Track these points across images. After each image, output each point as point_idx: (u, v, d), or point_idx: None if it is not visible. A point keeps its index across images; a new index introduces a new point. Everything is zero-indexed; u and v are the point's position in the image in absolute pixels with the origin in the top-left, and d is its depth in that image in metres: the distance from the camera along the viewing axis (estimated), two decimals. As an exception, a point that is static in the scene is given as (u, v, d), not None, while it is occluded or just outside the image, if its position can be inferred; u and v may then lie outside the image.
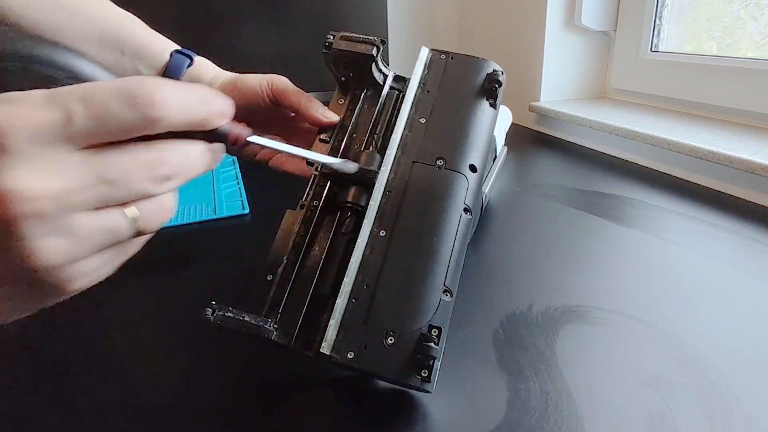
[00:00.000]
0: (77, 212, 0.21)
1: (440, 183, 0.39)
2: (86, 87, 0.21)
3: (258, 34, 1.13)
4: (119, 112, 0.21)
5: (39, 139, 0.20)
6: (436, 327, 0.34)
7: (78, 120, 0.21)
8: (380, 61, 0.45)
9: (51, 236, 0.21)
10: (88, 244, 0.22)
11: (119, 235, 0.23)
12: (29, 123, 0.20)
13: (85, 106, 0.21)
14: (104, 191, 0.22)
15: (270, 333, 0.35)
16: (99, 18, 0.48)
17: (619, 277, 0.51)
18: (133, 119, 0.22)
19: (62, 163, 0.21)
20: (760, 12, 0.84)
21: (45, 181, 0.20)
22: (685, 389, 0.36)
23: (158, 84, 0.22)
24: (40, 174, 0.20)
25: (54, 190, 0.20)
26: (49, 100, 0.21)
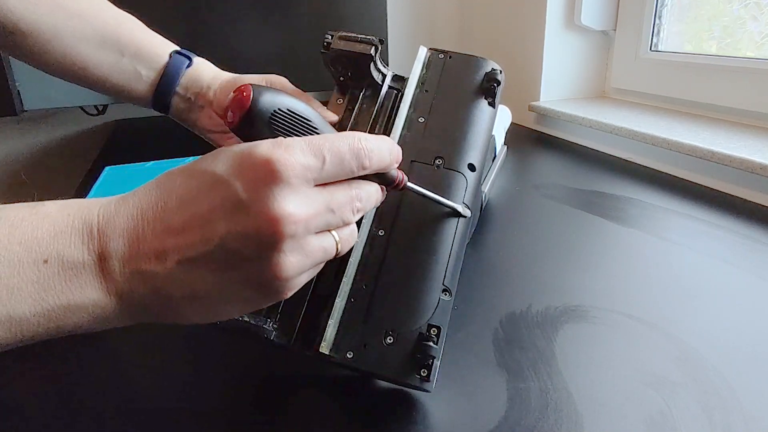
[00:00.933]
0: (311, 235, 0.27)
1: (439, 182, 0.39)
2: (330, 140, 0.27)
3: (257, 34, 1.13)
4: (349, 161, 0.28)
5: (305, 177, 0.26)
6: (435, 326, 0.34)
7: (327, 166, 0.27)
8: (379, 61, 0.45)
9: (295, 253, 0.26)
10: (312, 261, 0.27)
11: (329, 255, 0.29)
12: (301, 164, 0.25)
13: (331, 155, 0.27)
14: (328, 218, 0.28)
15: (269, 333, 0.35)
16: (98, 20, 0.48)
17: (619, 276, 0.51)
18: (355, 167, 0.28)
19: (310, 195, 0.26)
20: (760, 11, 0.84)
21: (301, 209, 0.25)
22: (685, 389, 0.36)
23: (366, 138, 0.29)
24: (299, 203, 0.25)
25: (305, 216, 0.26)
26: (311, 148, 0.26)
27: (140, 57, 0.49)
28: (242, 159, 0.26)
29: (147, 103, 0.51)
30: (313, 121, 0.30)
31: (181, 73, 0.50)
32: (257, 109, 0.27)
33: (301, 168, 0.25)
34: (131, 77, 0.49)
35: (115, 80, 0.49)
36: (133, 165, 0.89)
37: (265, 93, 0.28)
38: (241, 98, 0.27)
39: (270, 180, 0.25)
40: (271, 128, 0.28)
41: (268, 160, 0.25)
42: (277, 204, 0.25)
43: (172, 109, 0.51)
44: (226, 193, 0.25)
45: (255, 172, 0.25)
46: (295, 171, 0.25)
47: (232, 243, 0.25)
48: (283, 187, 0.25)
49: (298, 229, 0.25)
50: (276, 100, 0.28)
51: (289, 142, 0.26)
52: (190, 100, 0.50)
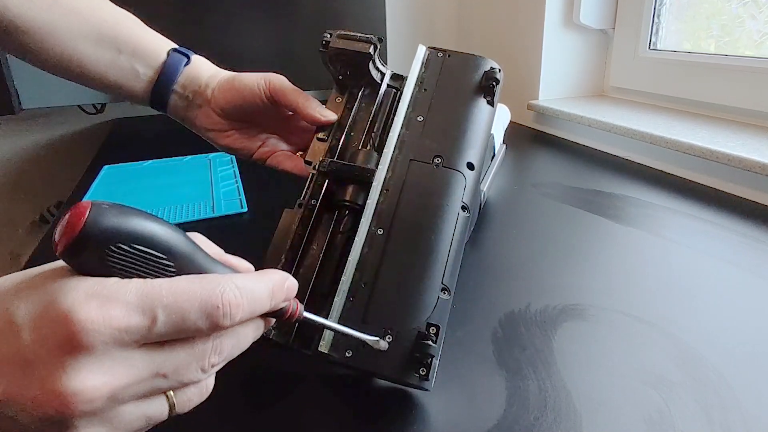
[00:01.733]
0: (123, 405, 0.22)
1: (438, 181, 0.39)
2: (174, 294, 0.22)
3: (256, 32, 1.13)
4: (194, 321, 0.22)
5: (120, 340, 0.21)
6: (434, 325, 0.34)
7: (159, 326, 0.22)
8: (378, 60, 0.45)
9: (96, 426, 0.21)
10: (125, 430, 0.23)
11: (156, 420, 0.24)
12: (117, 326, 0.21)
13: (167, 314, 0.22)
14: (156, 384, 0.23)
15: (268, 332, 0.35)
16: (95, 17, 0.48)
17: (617, 275, 0.51)
18: (204, 326, 0.23)
19: (126, 361, 0.21)
20: (758, 10, 0.84)
21: (105, 380, 0.21)
22: (683, 388, 0.36)
23: (233, 289, 0.23)
24: (103, 373, 0.21)
25: (111, 389, 0.21)
26: (141, 303, 0.21)
27: (138, 55, 0.49)
28: (45, 307, 0.21)
29: (145, 101, 0.51)
30: (176, 256, 0.23)
31: (179, 71, 0.49)
32: (90, 239, 0.21)
33: (115, 332, 0.21)
34: (129, 75, 0.49)
35: (113, 78, 0.49)
36: (132, 164, 0.89)
37: (108, 216, 0.21)
38: (72, 220, 0.20)
39: (66, 345, 0.20)
40: (107, 265, 0.21)
41: (69, 318, 0.20)
42: (67, 377, 0.20)
43: (170, 108, 0.51)
44: (16, 345, 0.20)
45: (52, 329, 0.20)
46: (104, 336, 0.20)
47: (11, 409, 0.20)
48: (82, 354, 0.20)
49: (96, 404, 0.21)
50: (122, 227, 0.21)
51: (110, 291, 0.21)
52: (188, 98, 0.50)
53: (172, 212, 0.68)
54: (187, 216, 0.67)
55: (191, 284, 0.23)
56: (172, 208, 0.70)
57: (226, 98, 0.48)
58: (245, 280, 0.24)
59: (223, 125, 0.50)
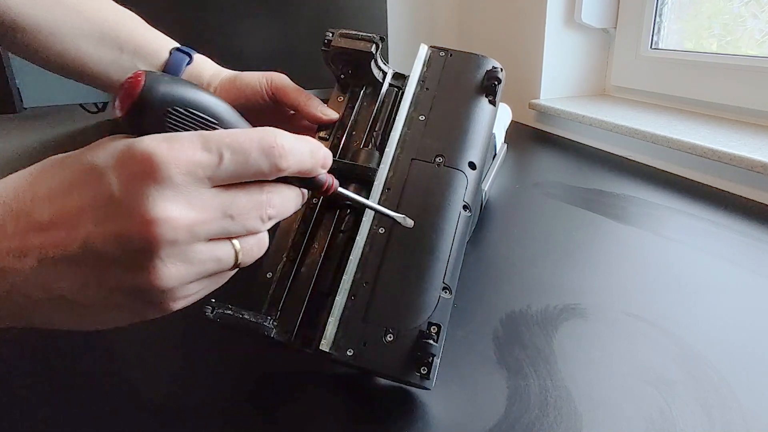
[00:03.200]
0: (200, 242, 0.24)
1: (439, 180, 0.39)
2: (233, 135, 0.24)
3: (257, 31, 1.13)
4: (257, 160, 0.24)
5: (194, 175, 0.23)
6: (435, 324, 0.35)
7: (225, 163, 0.24)
8: (379, 59, 0.45)
9: (176, 261, 0.23)
10: (200, 271, 0.24)
11: (225, 265, 0.26)
12: (189, 160, 0.23)
13: (232, 152, 0.24)
14: (225, 225, 0.25)
15: (269, 330, 0.35)
16: (97, 16, 0.48)
17: (618, 274, 0.51)
18: (266, 167, 0.25)
19: (200, 197, 0.23)
20: (760, 9, 0.84)
21: (185, 213, 0.23)
22: (684, 387, 0.36)
23: (282, 136, 0.25)
24: (183, 205, 0.23)
25: (190, 221, 0.23)
26: (205, 143, 0.23)
27: (140, 54, 0.49)
28: (122, 152, 0.23)
29: (147, 100, 0.51)
30: (223, 121, 0.25)
31: (181, 70, 0.49)
32: (149, 102, 0.23)
33: (189, 164, 0.23)
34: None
35: (115, 77, 0.49)
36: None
37: (161, 83, 0.23)
38: (131, 86, 0.23)
39: (148, 176, 0.22)
40: (165, 126, 0.24)
41: (148, 153, 0.22)
42: (153, 204, 0.22)
43: (172, 107, 0.51)
44: (99, 187, 0.22)
45: (133, 166, 0.22)
46: (180, 168, 0.22)
47: (99, 244, 0.22)
48: (164, 185, 0.22)
49: (179, 234, 0.22)
50: (175, 92, 0.24)
51: (179, 136, 0.23)
52: (190, 97, 0.50)
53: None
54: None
55: (247, 131, 0.25)
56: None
57: (228, 97, 0.48)
58: (287, 134, 0.26)
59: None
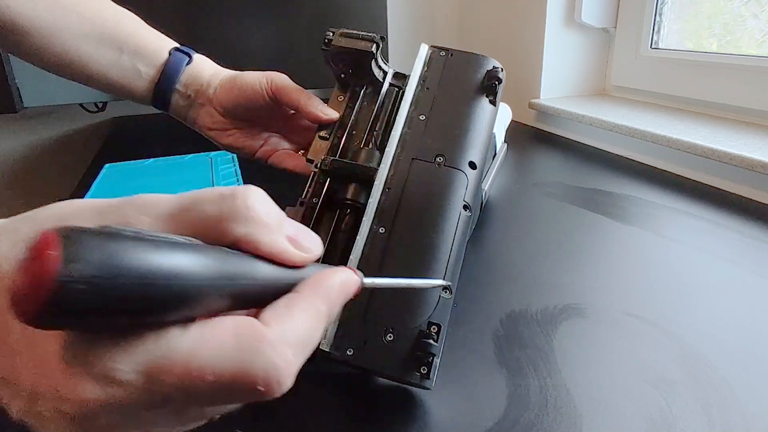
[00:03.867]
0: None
1: (440, 180, 0.39)
2: (187, 377, 0.18)
3: (257, 31, 1.13)
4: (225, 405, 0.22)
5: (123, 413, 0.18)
6: (435, 324, 0.35)
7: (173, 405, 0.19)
8: (380, 58, 0.45)
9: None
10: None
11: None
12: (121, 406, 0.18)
13: (183, 399, 0.19)
14: None
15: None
16: (97, 17, 0.48)
17: (618, 274, 0.51)
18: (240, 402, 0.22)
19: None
20: (760, 9, 0.84)
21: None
22: (684, 387, 0.36)
23: (280, 366, 0.19)
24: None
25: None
26: (149, 386, 0.18)
27: (140, 54, 0.49)
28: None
29: (147, 100, 0.51)
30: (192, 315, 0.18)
31: (180, 70, 0.49)
32: (62, 307, 0.14)
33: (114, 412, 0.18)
34: (131, 74, 0.49)
35: (115, 77, 0.49)
36: (133, 162, 0.89)
37: (93, 253, 0.14)
38: (39, 267, 0.14)
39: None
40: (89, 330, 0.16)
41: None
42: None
43: (171, 107, 0.51)
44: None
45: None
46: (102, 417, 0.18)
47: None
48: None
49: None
50: (111, 293, 0.15)
51: (105, 367, 0.17)
52: (190, 97, 0.50)
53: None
54: (188, 214, 0.67)
55: (217, 361, 0.18)
56: (174, 207, 0.69)
57: (228, 97, 0.48)
58: (300, 329, 0.20)
59: (225, 124, 0.50)
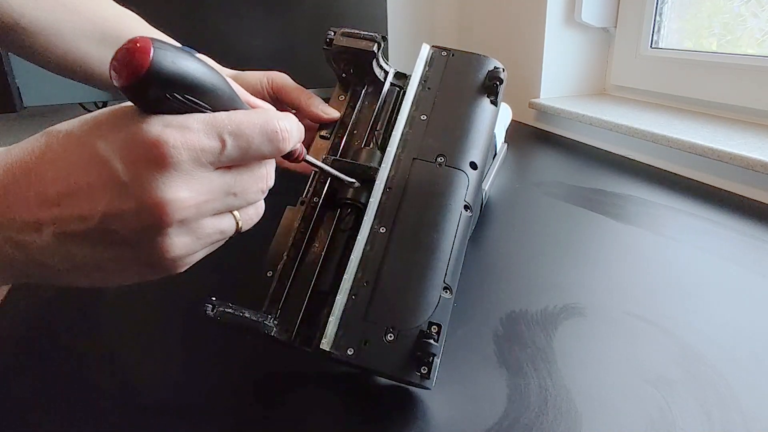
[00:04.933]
0: (205, 218, 0.26)
1: (441, 180, 0.39)
2: (236, 120, 0.25)
3: (258, 31, 1.13)
4: (259, 145, 0.26)
5: (198, 161, 0.24)
6: (435, 324, 0.35)
7: (229, 149, 0.25)
8: (381, 58, 0.45)
9: (184, 235, 0.25)
10: (206, 242, 0.27)
11: (227, 235, 0.29)
12: (195, 147, 0.24)
13: (235, 138, 0.25)
14: (229, 202, 0.27)
15: (270, 329, 0.35)
16: (99, 16, 0.48)
17: (618, 274, 0.51)
18: (268, 151, 0.27)
19: (205, 180, 0.25)
20: (760, 9, 0.84)
21: (192, 195, 0.24)
22: (684, 386, 0.36)
23: (283, 119, 0.27)
24: (190, 188, 0.24)
25: (197, 202, 0.25)
26: (209, 129, 0.25)
27: (141, 53, 0.49)
28: (127, 138, 0.24)
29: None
30: (222, 100, 0.26)
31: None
32: (154, 81, 0.23)
33: (195, 151, 0.24)
34: None
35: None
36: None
37: (169, 56, 0.23)
38: (135, 56, 0.22)
39: (157, 164, 0.23)
40: (165, 103, 0.24)
41: (156, 142, 0.23)
42: (162, 189, 0.23)
43: (173, 106, 0.51)
44: (107, 172, 0.23)
45: (140, 153, 0.23)
46: (186, 155, 0.24)
47: (113, 223, 0.24)
48: (172, 171, 0.23)
49: (188, 213, 0.25)
50: (182, 68, 0.23)
51: (184, 121, 0.24)
52: (191, 96, 0.50)
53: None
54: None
55: (249, 116, 0.26)
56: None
57: None
58: (285, 117, 0.28)
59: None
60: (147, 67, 0.22)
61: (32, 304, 0.49)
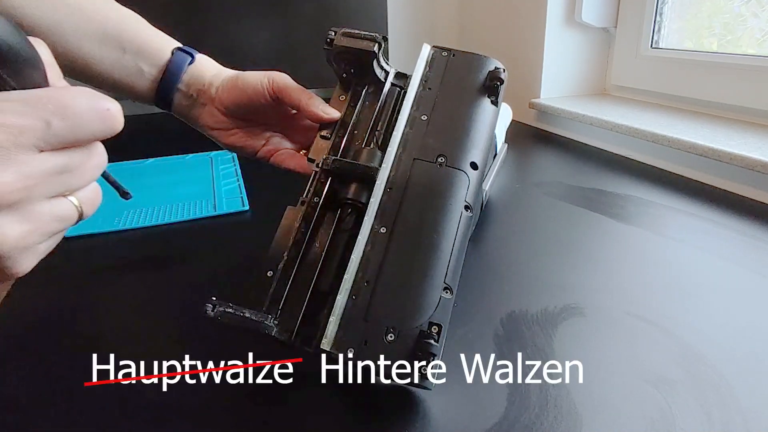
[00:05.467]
0: (38, 201, 0.24)
1: (441, 180, 0.39)
2: (59, 99, 0.23)
3: (259, 31, 1.13)
4: (90, 126, 0.24)
5: (19, 142, 0.22)
6: (436, 324, 0.35)
7: (56, 130, 0.23)
8: (381, 58, 0.45)
9: (18, 223, 0.23)
10: (44, 231, 0.25)
11: (69, 222, 0.26)
12: (13, 128, 0.22)
13: (61, 118, 0.23)
14: (63, 182, 0.25)
15: (270, 329, 0.35)
16: (100, 16, 0.48)
17: (619, 274, 0.51)
18: (101, 131, 0.25)
19: (31, 161, 0.23)
20: (761, 8, 0.84)
21: (15, 177, 0.22)
22: (684, 386, 0.36)
23: (108, 98, 0.25)
24: (12, 170, 0.22)
25: (22, 185, 0.23)
26: (26, 108, 0.23)
27: (142, 54, 0.49)
28: None
29: (149, 100, 0.51)
30: (18, 84, 0.24)
31: (183, 69, 0.49)
32: None
33: (17, 132, 0.22)
34: (133, 74, 0.49)
35: (117, 77, 0.49)
36: (133, 162, 0.90)
37: None
38: None
39: None
40: None
41: None
42: None
43: (174, 106, 0.51)
44: None
45: None
46: (7, 136, 0.22)
47: None
48: None
49: (14, 196, 0.23)
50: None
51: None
52: (192, 96, 0.50)
53: (173, 210, 0.69)
54: (188, 214, 0.67)
55: (72, 93, 0.24)
56: (174, 207, 0.70)
57: (230, 97, 0.49)
58: (107, 97, 0.26)
59: (227, 124, 0.50)
60: None
61: (32, 303, 0.49)
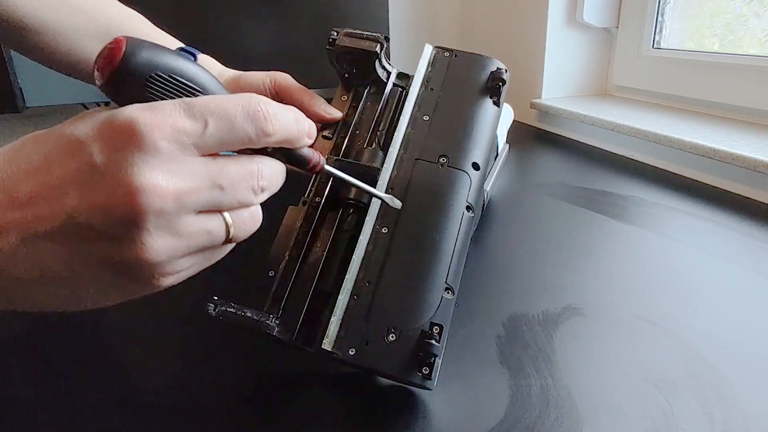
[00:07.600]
0: (188, 213, 0.23)
1: (443, 180, 0.39)
2: (217, 101, 0.24)
3: (261, 31, 1.13)
4: (242, 125, 0.24)
5: (178, 142, 0.22)
6: (437, 324, 0.35)
7: (211, 130, 0.23)
8: (384, 58, 0.45)
9: (163, 233, 0.22)
10: (190, 244, 0.24)
11: (216, 240, 0.25)
12: (173, 127, 0.22)
13: (217, 118, 0.23)
14: (215, 196, 0.24)
15: (271, 328, 0.35)
16: (102, 16, 0.48)
17: (620, 274, 0.51)
18: (252, 132, 0.24)
19: (187, 165, 0.23)
20: (763, 9, 0.84)
21: (171, 181, 0.22)
22: (686, 387, 0.36)
23: (267, 101, 0.25)
24: (169, 173, 0.22)
25: (177, 190, 0.22)
26: (188, 109, 0.23)
27: (144, 53, 0.49)
28: (104, 122, 0.22)
29: (151, 99, 0.51)
30: (205, 88, 0.25)
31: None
32: (130, 69, 0.23)
33: (173, 131, 0.22)
34: None
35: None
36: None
37: (143, 49, 0.23)
38: (111, 52, 0.23)
39: (131, 144, 0.21)
40: (147, 94, 0.24)
41: (130, 121, 0.21)
42: (138, 172, 0.21)
43: (176, 106, 0.51)
44: (81, 158, 0.22)
45: (115, 135, 0.22)
46: (164, 135, 0.22)
47: (83, 217, 0.21)
48: (148, 153, 0.21)
49: (166, 203, 0.22)
50: (157, 58, 0.24)
51: (161, 103, 0.23)
52: (194, 96, 0.50)
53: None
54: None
55: (230, 97, 0.24)
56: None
57: None
58: (273, 102, 0.26)
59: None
60: (120, 57, 0.23)
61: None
